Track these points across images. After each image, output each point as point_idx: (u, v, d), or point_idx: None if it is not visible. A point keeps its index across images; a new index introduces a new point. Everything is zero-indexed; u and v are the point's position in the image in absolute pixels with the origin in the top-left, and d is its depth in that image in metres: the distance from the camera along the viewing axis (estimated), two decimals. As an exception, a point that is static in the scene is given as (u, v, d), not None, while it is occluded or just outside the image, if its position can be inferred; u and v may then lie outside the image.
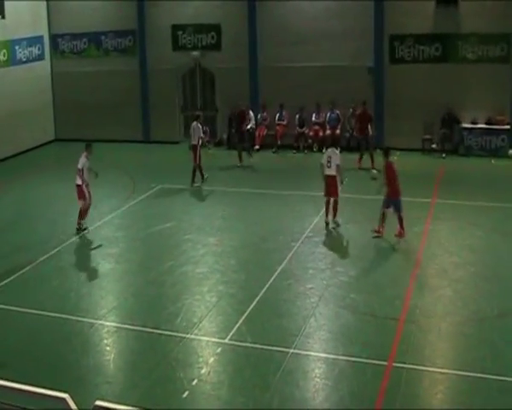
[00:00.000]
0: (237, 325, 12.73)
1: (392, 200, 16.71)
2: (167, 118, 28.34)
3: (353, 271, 15.16)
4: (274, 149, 26.40)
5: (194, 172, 21.84)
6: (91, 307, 14.06)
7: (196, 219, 19.15)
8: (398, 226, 16.78)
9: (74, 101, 29.29)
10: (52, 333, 12.97)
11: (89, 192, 18.02)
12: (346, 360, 11.48)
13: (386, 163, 16.93)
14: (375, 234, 16.90)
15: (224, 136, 27.44)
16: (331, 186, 17.57)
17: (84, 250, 17.26)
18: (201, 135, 22.04)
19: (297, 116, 26.56)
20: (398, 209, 16.72)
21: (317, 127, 26.40)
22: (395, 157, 19.56)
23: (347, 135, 26.03)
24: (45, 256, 16.64)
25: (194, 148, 21.79)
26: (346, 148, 25.30)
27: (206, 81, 28.43)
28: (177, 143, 27.87)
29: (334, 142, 19.35)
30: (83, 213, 18.11)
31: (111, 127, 28.14)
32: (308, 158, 25.48)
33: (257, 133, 26.77)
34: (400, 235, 16.76)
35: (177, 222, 18.82)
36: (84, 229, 18.13)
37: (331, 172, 17.51)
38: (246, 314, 13.15)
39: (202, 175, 21.84)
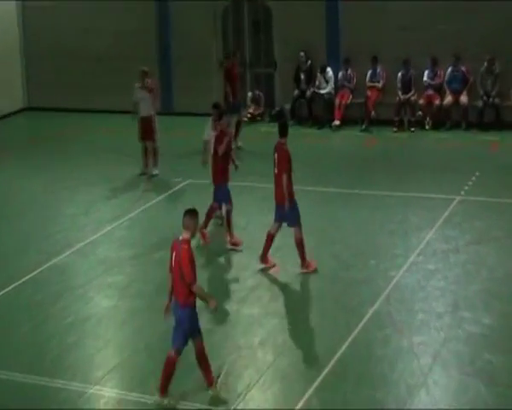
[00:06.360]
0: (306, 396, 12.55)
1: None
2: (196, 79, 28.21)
3: (488, 317, 14.82)
4: (363, 126, 26.21)
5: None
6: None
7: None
8: None
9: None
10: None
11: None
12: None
13: None
14: None
15: (287, 106, 27.29)
16: None
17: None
18: None
19: (399, 74, 26.25)
20: None
21: (430, 92, 26.05)
22: None
23: (480, 104, 25.61)
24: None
25: None
26: (478, 124, 25.22)
27: (257, 22, 28.37)
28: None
29: None
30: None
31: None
32: (416, 140, 25.32)
33: (337, 101, 26.50)
34: None
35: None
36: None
37: None
38: (318, 381, 12.97)
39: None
